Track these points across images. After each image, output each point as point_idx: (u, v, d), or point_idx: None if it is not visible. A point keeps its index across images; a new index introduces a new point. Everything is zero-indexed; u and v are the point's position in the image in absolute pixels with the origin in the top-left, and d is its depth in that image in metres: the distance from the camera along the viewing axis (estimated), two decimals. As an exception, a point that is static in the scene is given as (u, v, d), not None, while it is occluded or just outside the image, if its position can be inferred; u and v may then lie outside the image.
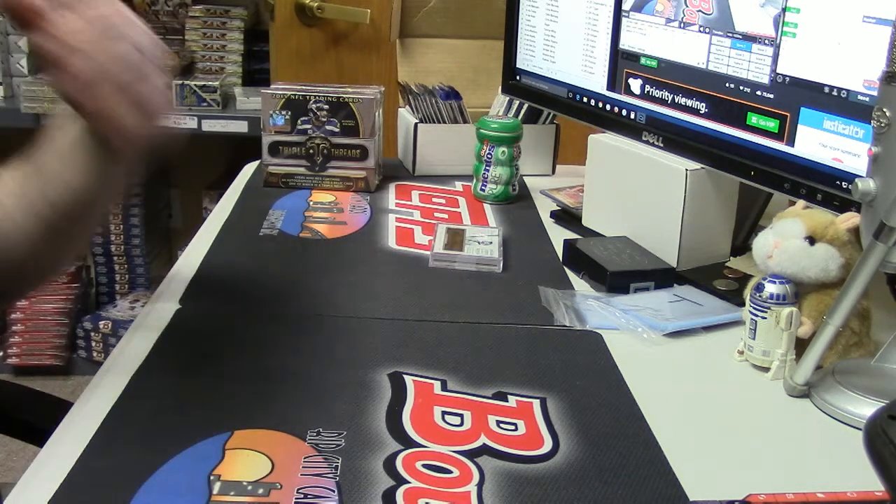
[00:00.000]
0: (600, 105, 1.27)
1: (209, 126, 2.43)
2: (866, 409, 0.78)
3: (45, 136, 0.76)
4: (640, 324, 0.97)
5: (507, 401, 0.82)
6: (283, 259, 1.15)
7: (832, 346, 0.85)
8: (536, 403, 0.82)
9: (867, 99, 0.89)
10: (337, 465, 0.70)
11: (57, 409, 0.88)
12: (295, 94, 1.38)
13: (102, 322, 2.65)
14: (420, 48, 1.70)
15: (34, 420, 1.04)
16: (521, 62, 1.44)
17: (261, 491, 0.67)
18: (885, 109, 0.77)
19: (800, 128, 0.98)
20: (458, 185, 1.48)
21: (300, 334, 0.94)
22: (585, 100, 1.30)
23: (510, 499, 0.68)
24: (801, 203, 0.95)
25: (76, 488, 0.67)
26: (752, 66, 1.02)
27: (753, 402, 0.85)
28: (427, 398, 0.82)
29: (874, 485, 0.61)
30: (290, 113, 1.38)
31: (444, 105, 1.50)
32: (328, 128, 1.39)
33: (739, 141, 1.05)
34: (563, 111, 1.37)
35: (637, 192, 1.17)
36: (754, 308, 0.88)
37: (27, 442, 1.04)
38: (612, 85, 1.25)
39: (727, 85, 1.06)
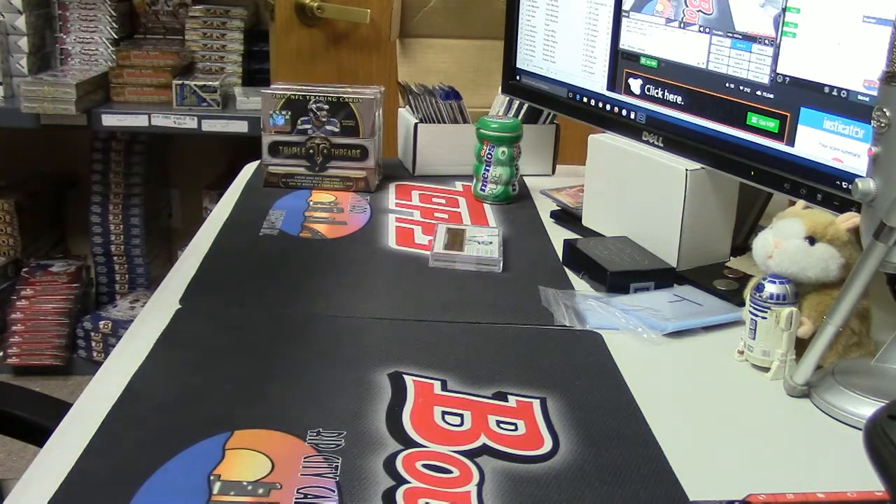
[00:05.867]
0: (600, 105, 1.27)
1: (209, 126, 2.43)
2: (866, 409, 0.78)
3: None
4: (640, 324, 0.97)
5: (507, 401, 0.82)
6: (283, 259, 1.15)
7: (832, 346, 0.85)
8: (536, 403, 0.82)
9: (867, 99, 0.89)
10: (337, 465, 0.70)
11: (57, 409, 0.88)
12: (295, 94, 1.38)
13: (102, 322, 2.65)
14: (420, 48, 1.70)
15: (34, 420, 1.04)
16: (521, 62, 1.44)
17: (261, 491, 0.67)
18: (885, 109, 0.77)
19: (800, 128, 0.98)
20: (458, 185, 1.48)
21: (300, 334, 0.94)
22: (585, 100, 1.30)
23: (510, 499, 0.68)
24: (801, 203, 0.95)
25: (76, 488, 0.67)
26: (752, 66, 1.02)
27: (753, 402, 0.85)
28: (427, 398, 0.82)
29: (874, 485, 0.61)
30: (290, 113, 1.38)
31: (444, 105, 1.50)
32: (328, 128, 1.39)
33: (739, 141, 1.05)
34: (563, 111, 1.37)
35: (637, 192, 1.17)
36: (754, 308, 0.88)
37: (27, 442, 1.04)
38: (612, 85, 1.25)
39: (727, 85, 1.06)
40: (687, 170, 1.09)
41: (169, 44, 2.63)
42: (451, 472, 0.71)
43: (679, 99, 1.13)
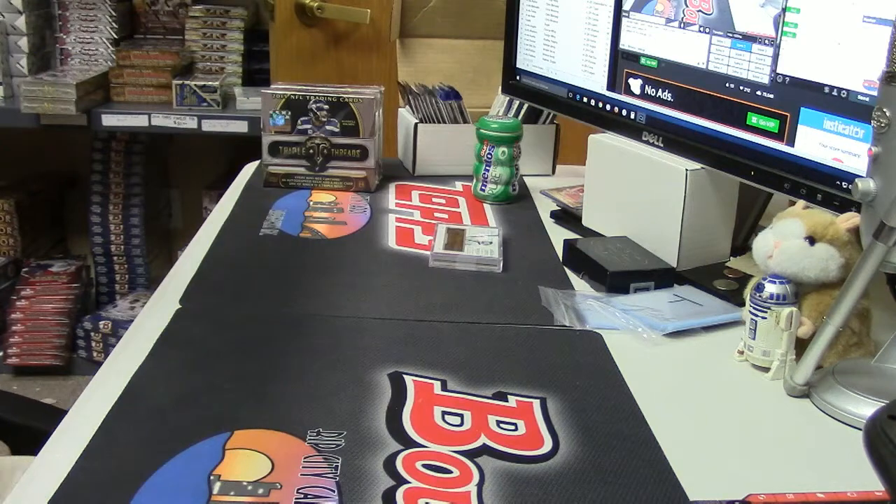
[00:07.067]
0: (600, 105, 1.27)
1: (209, 126, 2.43)
2: (866, 409, 0.78)
3: None
4: (640, 324, 0.97)
5: (507, 401, 0.82)
6: (283, 259, 1.15)
7: (832, 346, 0.85)
8: (536, 403, 0.82)
9: (867, 99, 0.89)
10: (337, 465, 0.70)
11: (51, 416, 0.87)
12: (295, 94, 1.38)
13: (102, 322, 2.65)
14: (420, 48, 1.70)
15: (30, 425, 1.04)
16: (521, 62, 1.44)
17: (261, 491, 0.67)
18: (885, 109, 0.77)
19: (800, 128, 0.98)
20: (458, 185, 1.48)
21: (300, 334, 0.94)
22: (585, 100, 1.30)
23: (510, 499, 0.68)
24: (801, 203, 0.95)
25: (76, 488, 0.67)
26: (752, 66, 1.02)
27: (753, 402, 0.85)
28: (427, 398, 0.82)
29: (874, 485, 0.61)
30: (290, 113, 1.38)
31: (444, 105, 1.50)
32: (328, 128, 1.39)
33: (739, 141, 1.05)
34: (563, 111, 1.37)
35: (637, 192, 1.17)
36: (754, 308, 0.88)
37: (24, 454, 1.04)
38: (612, 85, 1.25)
39: (727, 85, 1.06)
40: (687, 170, 1.09)
41: (169, 44, 2.63)
42: (451, 472, 0.71)
43: (679, 99, 1.13)
